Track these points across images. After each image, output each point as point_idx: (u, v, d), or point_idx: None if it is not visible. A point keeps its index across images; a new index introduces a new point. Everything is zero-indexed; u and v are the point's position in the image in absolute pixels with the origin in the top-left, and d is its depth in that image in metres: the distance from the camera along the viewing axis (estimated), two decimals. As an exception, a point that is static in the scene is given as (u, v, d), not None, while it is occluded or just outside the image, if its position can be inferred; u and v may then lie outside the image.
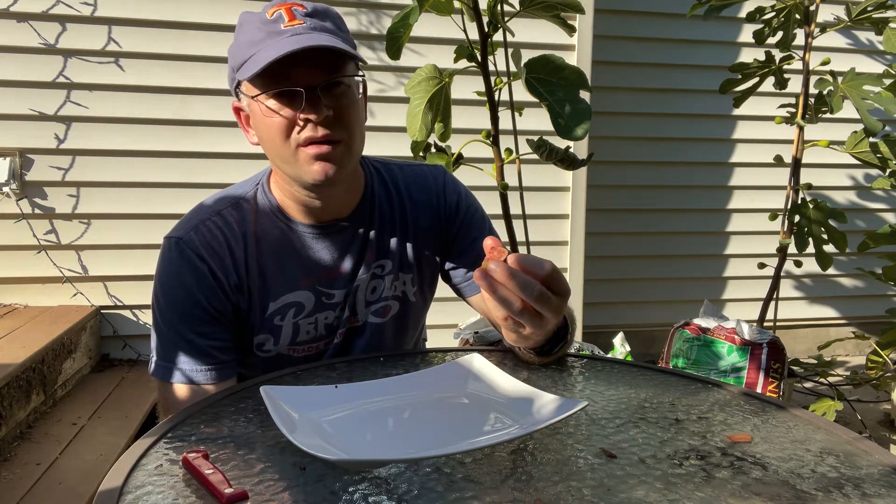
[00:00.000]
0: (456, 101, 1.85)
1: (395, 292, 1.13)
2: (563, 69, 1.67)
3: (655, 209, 3.39)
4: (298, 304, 1.06)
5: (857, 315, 3.64)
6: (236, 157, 2.70)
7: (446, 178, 1.18)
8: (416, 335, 1.25)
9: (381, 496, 0.63)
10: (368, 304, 1.12)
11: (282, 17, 0.94)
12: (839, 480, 0.68)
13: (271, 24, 0.94)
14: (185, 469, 0.67)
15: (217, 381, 1.01)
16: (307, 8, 0.96)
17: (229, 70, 1.01)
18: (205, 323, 1.01)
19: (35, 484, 1.71)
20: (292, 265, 1.05)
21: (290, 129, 0.95)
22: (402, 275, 1.13)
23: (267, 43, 0.93)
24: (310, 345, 1.09)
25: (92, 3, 2.55)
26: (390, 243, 1.12)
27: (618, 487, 0.65)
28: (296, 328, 1.07)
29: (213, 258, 1.01)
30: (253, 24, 0.96)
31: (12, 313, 2.49)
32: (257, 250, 1.04)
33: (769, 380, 2.22)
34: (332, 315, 1.09)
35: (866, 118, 2.15)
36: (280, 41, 0.92)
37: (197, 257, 1.00)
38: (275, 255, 1.05)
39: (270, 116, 0.95)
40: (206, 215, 1.04)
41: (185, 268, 1.00)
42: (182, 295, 1.00)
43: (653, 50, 3.28)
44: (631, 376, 0.98)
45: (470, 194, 1.20)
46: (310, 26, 0.94)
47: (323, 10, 0.98)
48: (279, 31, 0.93)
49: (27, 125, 2.54)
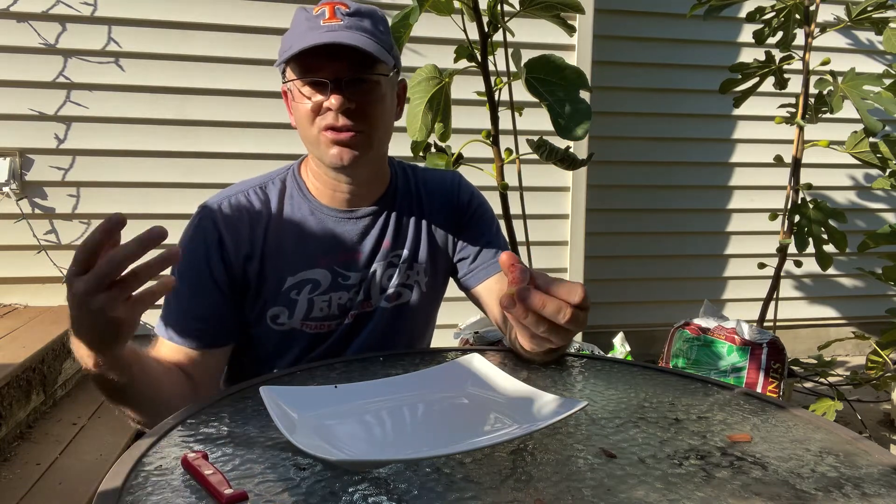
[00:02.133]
0: (456, 101, 1.85)
1: (409, 281, 1.20)
2: (563, 69, 1.67)
3: (655, 209, 3.39)
4: (315, 280, 1.13)
5: (857, 315, 3.64)
6: (236, 157, 2.70)
7: (462, 180, 1.29)
8: (424, 332, 1.28)
9: (381, 496, 0.63)
10: (382, 290, 1.18)
11: (324, 14, 1.04)
12: (839, 480, 0.68)
13: (314, 20, 1.04)
14: (185, 470, 0.67)
15: (201, 346, 1.07)
16: (350, 7, 1.05)
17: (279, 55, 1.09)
18: (202, 288, 1.08)
19: (35, 484, 1.71)
20: (313, 244, 1.13)
21: (315, 114, 1.05)
22: (416, 265, 1.20)
23: (305, 35, 1.02)
24: (322, 322, 1.14)
25: (92, 3, 2.55)
26: (408, 234, 1.20)
27: (618, 487, 0.65)
28: (310, 304, 1.13)
29: (228, 227, 1.09)
30: (301, 17, 1.06)
31: (12, 313, 2.49)
32: (280, 226, 1.12)
33: (769, 380, 2.22)
34: (346, 296, 1.15)
35: (866, 118, 2.15)
36: (314, 35, 1.01)
37: (212, 224, 1.09)
38: (297, 232, 1.12)
39: (301, 101, 1.05)
40: (236, 191, 1.14)
41: (197, 233, 1.09)
42: (188, 256, 1.08)
43: (653, 50, 3.28)
44: (631, 376, 0.98)
45: (482, 196, 1.30)
46: (346, 24, 1.03)
47: (367, 11, 1.07)
48: (318, 26, 1.03)
49: (27, 125, 2.54)
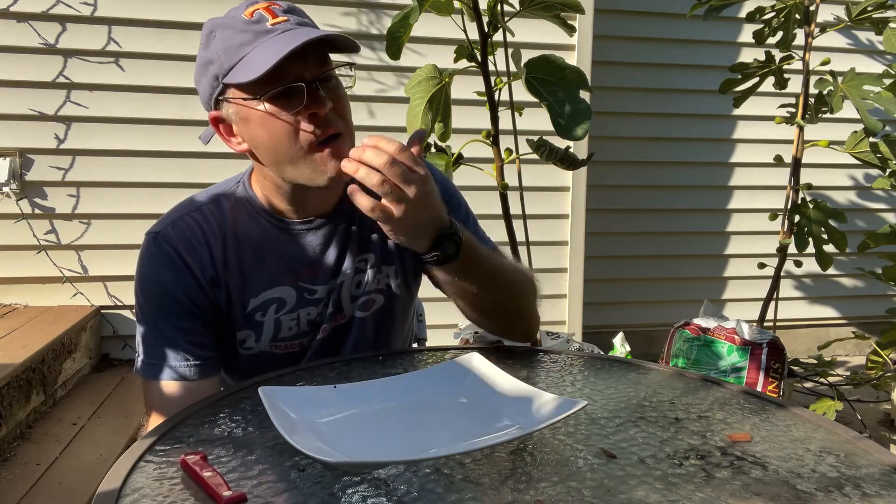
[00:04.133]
0: (456, 101, 1.85)
1: (379, 285, 1.13)
2: (563, 69, 1.67)
3: (655, 209, 3.39)
4: (280, 300, 1.06)
5: (857, 315, 3.63)
6: (236, 157, 2.69)
7: None
8: (404, 330, 1.24)
9: (381, 497, 0.63)
10: (354, 298, 1.11)
11: (264, 17, 0.92)
12: (839, 480, 0.68)
13: (255, 25, 0.92)
14: (184, 471, 0.67)
15: (200, 376, 1.01)
16: (282, 6, 0.95)
17: (209, 79, 0.96)
18: (183, 318, 1.01)
19: (35, 484, 1.71)
20: (273, 261, 1.05)
21: (295, 129, 0.93)
22: (384, 267, 1.12)
23: (259, 43, 0.90)
24: (292, 341, 1.09)
25: (92, 3, 2.54)
26: (372, 236, 1.11)
27: (618, 487, 0.65)
28: (277, 324, 1.06)
29: (190, 253, 1.01)
30: (232, 27, 0.93)
31: (12, 313, 2.49)
32: (237, 246, 1.04)
33: (769, 380, 2.22)
34: (314, 311, 1.08)
35: (866, 118, 2.15)
36: (276, 39, 0.90)
37: (174, 251, 1.00)
38: (255, 250, 1.04)
39: (272, 119, 0.92)
40: (185, 211, 1.04)
41: (162, 262, 1.00)
42: (160, 290, 1.00)
43: (653, 50, 3.28)
44: (631, 376, 0.98)
45: (447, 180, 1.18)
46: (296, 22, 0.94)
47: (295, 7, 0.98)
48: (267, 29, 0.91)
49: (27, 125, 2.54)
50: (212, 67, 0.94)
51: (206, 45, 0.95)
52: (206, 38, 0.96)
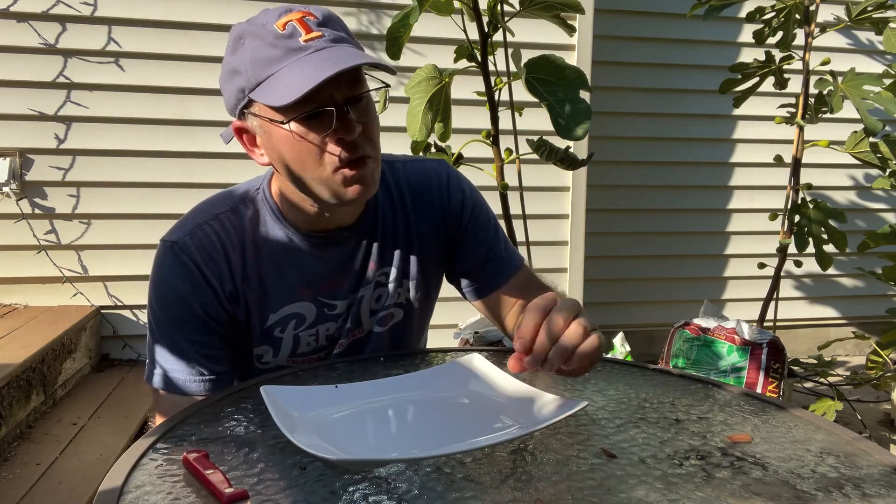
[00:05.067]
0: (456, 101, 1.85)
1: (399, 299, 1.11)
2: (563, 69, 1.67)
3: (655, 209, 3.39)
4: (299, 315, 1.03)
5: (857, 315, 3.63)
6: (236, 157, 2.69)
7: (450, 173, 1.12)
8: (420, 342, 1.23)
9: (382, 496, 0.63)
10: (373, 312, 1.09)
11: (297, 31, 0.87)
12: (839, 480, 0.68)
13: (288, 40, 0.86)
14: (186, 469, 0.67)
15: (211, 392, 0.98)
16: (318, 17, 0.89)
17: (234, 89, 0.91)
18: (199, 331, 0.98)
19: (35, 484, 1.71)
20: (293, 275, 1.02)
21: (322, 151, 0.89)
22: (405, 281, 1.10)
23: (290, 62, 0.86)
24: (310, 356, 1.07)
25: (92, 3, 2.54)
26: (393, 251, 1.08)
27: (618, 487, 0.65)
28: (296, 340, 1.04)
29: (209, 264, 0.97)
30: (262, 38, 0.87)
31: (12, 313, 2.49)
32: (256, 258, 1.00)
33: (769, 380, 2.22)
34: (333, 326, 1.06)
35: (866, 118, 2.15)
36: (308, 59, 0.85)
37: (191, 262, 0.96)
38: (275, 264, 1.01)
39: (300, 140, 0.89)
40: (204, 219, 0.99)
41: (179, 273, 0.96)
42: (176, 301, 0.97)
43: (653, 50, 3.28)
44: (631, 376, 0.98)
45: (474, 190, 1.16)
46: (330, 38, 0.88)
47: (331, 16, 0.92)
48: (300, 46, 0.86)
49: (27, 125, 2.54)
50: (238, 79, 0.90)
51: (234, 51, 0.91)
52: (233, 42, 0.91)
